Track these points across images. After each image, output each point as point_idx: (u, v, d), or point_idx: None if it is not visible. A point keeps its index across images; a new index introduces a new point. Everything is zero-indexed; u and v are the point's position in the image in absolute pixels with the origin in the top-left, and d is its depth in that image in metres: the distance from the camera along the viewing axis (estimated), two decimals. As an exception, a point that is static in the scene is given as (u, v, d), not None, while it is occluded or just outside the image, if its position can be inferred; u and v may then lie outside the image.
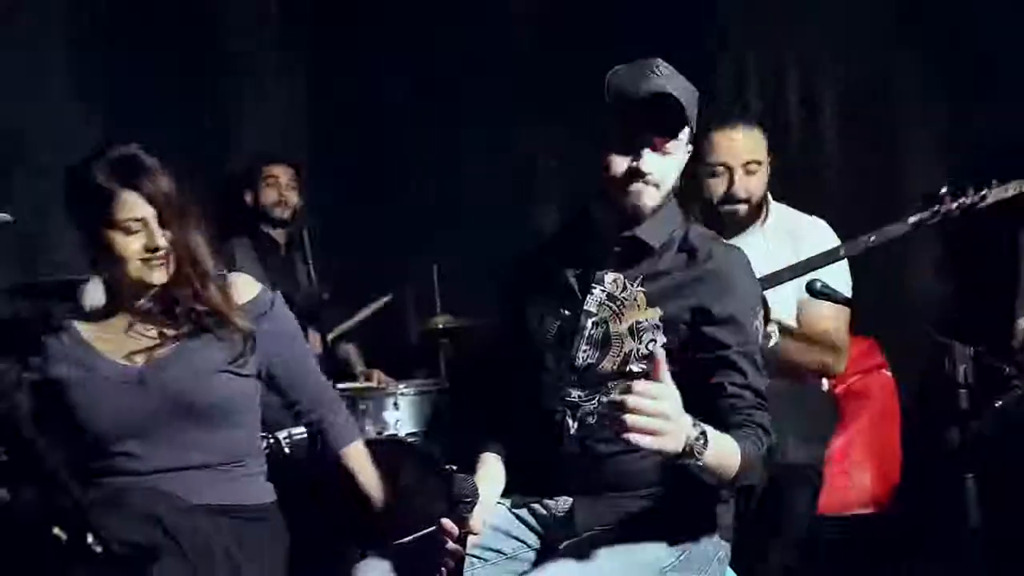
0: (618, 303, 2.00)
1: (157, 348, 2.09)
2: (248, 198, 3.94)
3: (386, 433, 3.45)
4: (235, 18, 4.11)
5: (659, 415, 1.64)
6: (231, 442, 2.13)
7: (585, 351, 2.00)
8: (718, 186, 2.82)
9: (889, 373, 3.10)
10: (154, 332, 2.11)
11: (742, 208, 2.83)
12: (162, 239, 2.03)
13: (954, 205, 2.55)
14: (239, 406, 2.14)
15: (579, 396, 2.00)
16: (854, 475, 2.88)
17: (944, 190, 2.56)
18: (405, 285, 4.22)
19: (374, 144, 4.28)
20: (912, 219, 2.60)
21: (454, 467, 3.10)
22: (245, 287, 2.18)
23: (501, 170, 4.09)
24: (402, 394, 3.60)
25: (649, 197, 1.96)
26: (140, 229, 2.01)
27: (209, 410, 2.08)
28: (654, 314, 1.96)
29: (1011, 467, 2.47)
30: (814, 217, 2.93)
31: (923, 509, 2.63)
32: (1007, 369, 2.34)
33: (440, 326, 3.80)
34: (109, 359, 2.08)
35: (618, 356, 1.97)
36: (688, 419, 1.71)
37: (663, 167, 1.96)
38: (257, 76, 4.13)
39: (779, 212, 2.92)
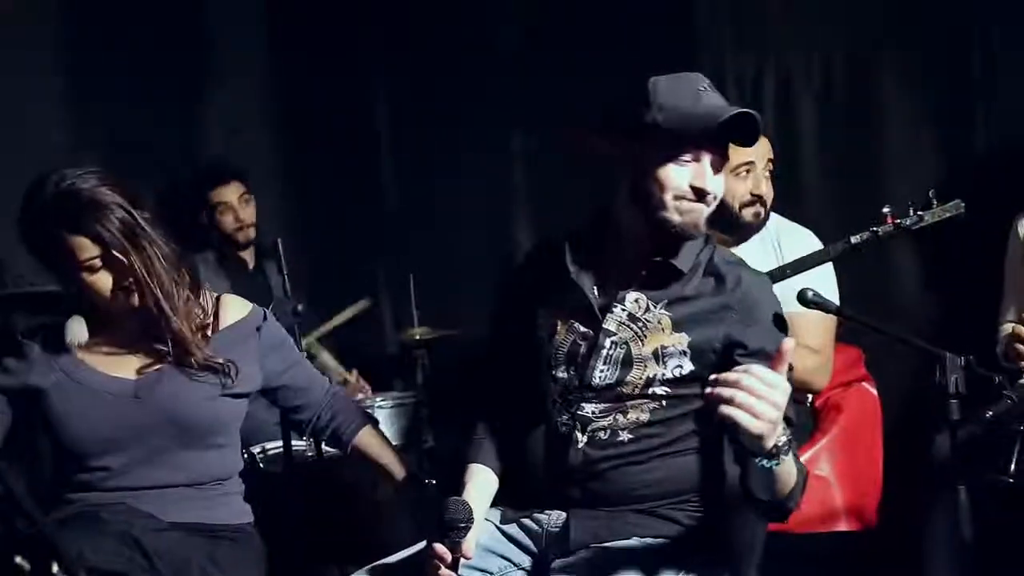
0: (640, 324, 1.94)
1: (150, 367, 2.07)
2: (203, 216, 3.76)
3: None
4: (220, 18, 4.00)
5: (768, 401, 1.58)
6: (212, 463, 2.12)
7: (603, 371, 1.94)
8: (743, 186, 2.78)
9: (872, 388, 3.03)
10: (147, 351, 2.08)
11: (762, 210, 2.81)
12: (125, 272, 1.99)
13: (891, 227, 2.56)
14: (225, 427, 2.13)
15: (592, 412, 1.95)
16: (813, 491, 2.80)
17: (886, 210, 2.57)
18: (381, 296, 4.15)
19: (351, 150, 4.20)
20: (854, 239, 2.60)
21: (433, 481, 3.05)
22: (234, 308, 2.18)
23: (483, 177, 4.00)
24: (379, 407, 3.56)
25: (704, 217, 1.93)
26: (102, 265, 1.97)
27: (196, 429, 2.07)
28: (681, 340, 1.92)
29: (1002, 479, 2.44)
30: (800, 226, 2.91)
31: (913, 524, 2.58)
32: (998, 379, 2.30)
33: (417, 337, 3.73)
34: (102, 372, 2.06)
35: (640, 379, 1.93)
36: (783, 424, 1.66)
37: (719, 187, 1.93)
38: (238, 78, 4.02)
39: (773, 219, 2.89)
